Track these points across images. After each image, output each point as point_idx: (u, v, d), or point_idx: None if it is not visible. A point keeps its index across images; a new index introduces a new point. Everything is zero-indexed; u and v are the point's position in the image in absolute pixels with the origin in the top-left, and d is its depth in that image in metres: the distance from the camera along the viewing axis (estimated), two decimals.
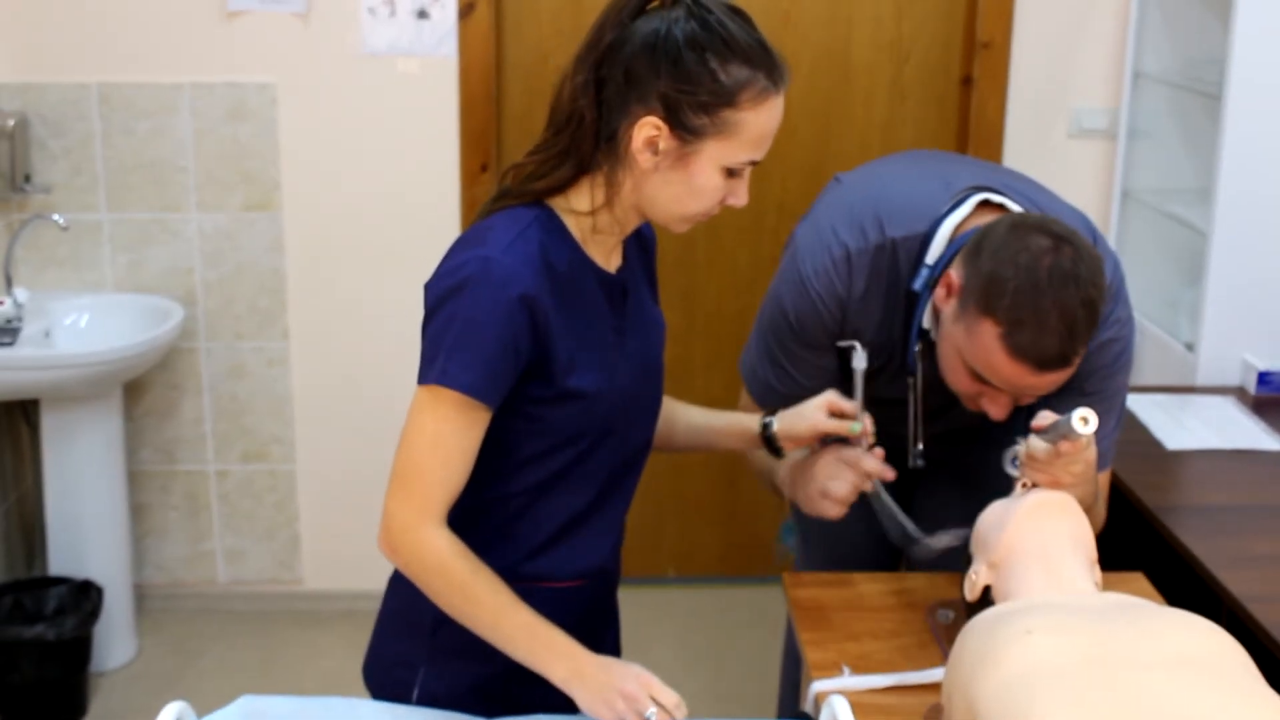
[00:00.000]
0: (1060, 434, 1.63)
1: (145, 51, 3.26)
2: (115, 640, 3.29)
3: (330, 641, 3.48)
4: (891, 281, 1.89)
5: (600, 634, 1.82)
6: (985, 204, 1.87)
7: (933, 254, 1.85)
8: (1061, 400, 1.79)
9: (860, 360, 1.84)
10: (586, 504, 1.68)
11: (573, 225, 1.61)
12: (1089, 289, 1.66)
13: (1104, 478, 1.98)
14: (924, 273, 1.85)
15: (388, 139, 3.34)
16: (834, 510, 1.84)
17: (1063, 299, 1.64)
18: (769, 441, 1.86)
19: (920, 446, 1.92)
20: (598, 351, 1.62)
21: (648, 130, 1.52)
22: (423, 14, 3.25)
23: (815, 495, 1.84)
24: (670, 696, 1.52)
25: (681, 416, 1.90)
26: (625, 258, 1.70)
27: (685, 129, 1.52)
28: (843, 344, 1.90)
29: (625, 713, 1.51)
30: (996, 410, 1.76)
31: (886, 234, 1.88)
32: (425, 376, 1.55)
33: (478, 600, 1.56)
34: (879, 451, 1.84)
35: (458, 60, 3.28)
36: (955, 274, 1.75)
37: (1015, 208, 1.87)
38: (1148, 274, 3.24)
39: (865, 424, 1.82)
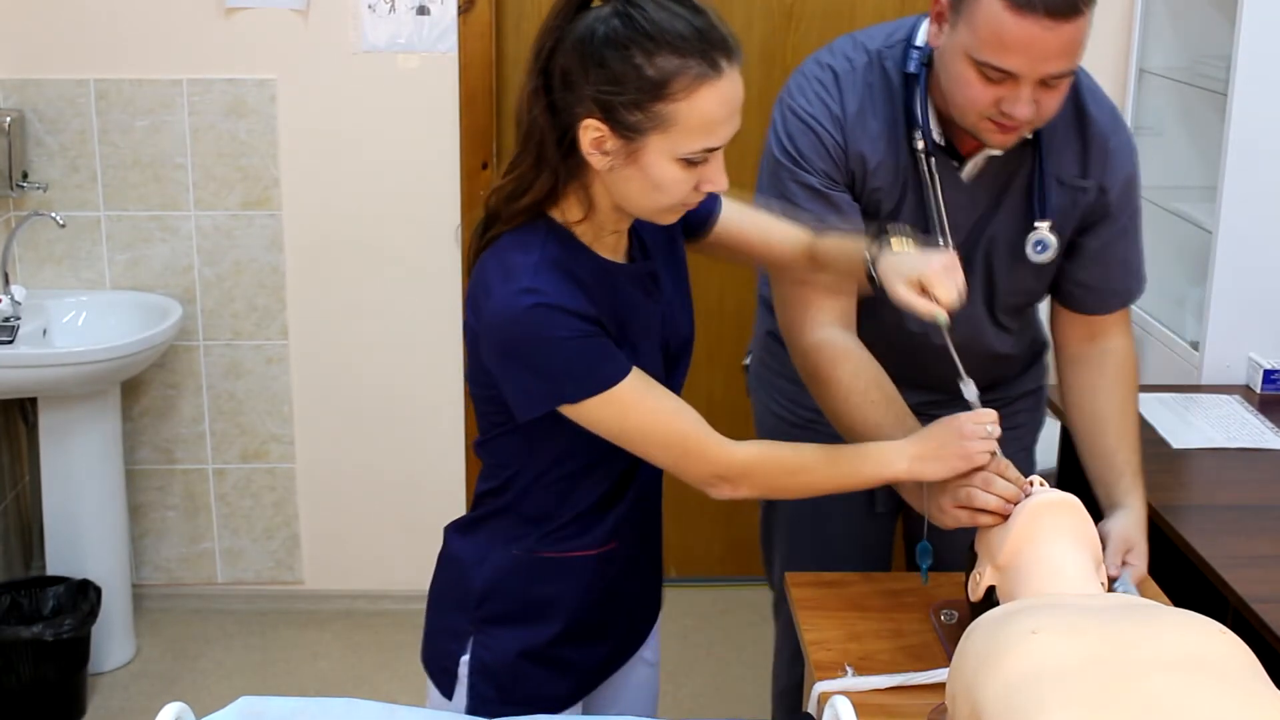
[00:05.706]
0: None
1: (143, 47, 3.24)
2: (113, 640, 3.28)
3: (329, 641, 3.47)
4: (886, 96, 1.89)
5: (645, 590, 1.88)
6: None
7: (920, 36, 1.88)
8: (1100, 229, 1.98)
9: (970, 392, 1.75)
10: (620, 478, 1.72)
11: (578, 232, 1.60)
12: None
13: (1120, 318, 2.13)
14: (915, 55, 1.87)
15: (387, 136, 3.32)
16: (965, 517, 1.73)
17: None
18: (871, 279, 1.75)
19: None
20: (644, 340, 1.65)
21: (591, 132, 1.50)
22: (422, 10, 3.23)
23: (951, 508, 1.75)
24: (995, 430, 1.68)
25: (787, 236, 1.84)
26: (644, 242, 1.70)
27: (624, 127, 1.49)
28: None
29: (977, 455, 1.67)
30: (1022, 108, 1.71)
31: (869, 49, 1.91)
32: (576, 396, 1.55)
33: (808, 469, 1.70)
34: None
35: (458, 56, 3.27)
36: None
37: None
38: (1153, 271, 3.18)
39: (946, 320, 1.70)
